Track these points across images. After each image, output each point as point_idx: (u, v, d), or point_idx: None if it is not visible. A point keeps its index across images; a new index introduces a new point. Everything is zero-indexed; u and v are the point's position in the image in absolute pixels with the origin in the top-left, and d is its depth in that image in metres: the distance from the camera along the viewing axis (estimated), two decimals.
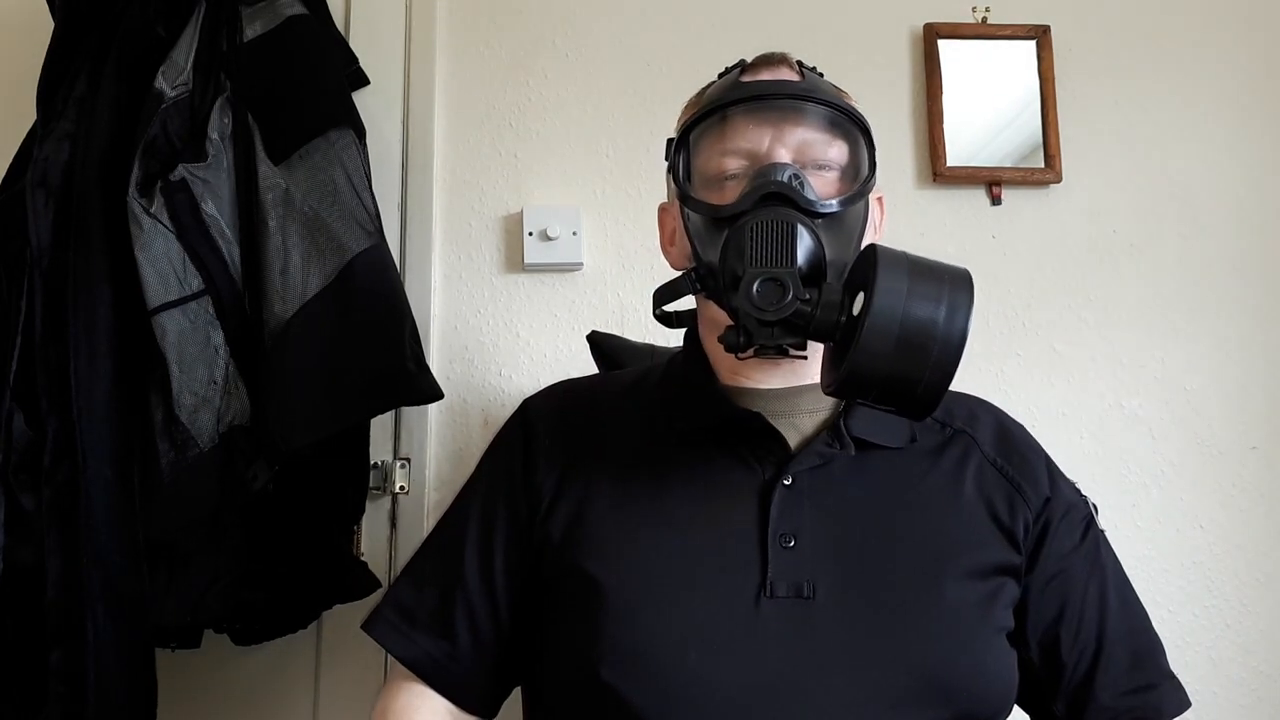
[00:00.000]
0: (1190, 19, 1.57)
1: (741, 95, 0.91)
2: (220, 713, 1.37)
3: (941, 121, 1.51)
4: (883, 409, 0.83)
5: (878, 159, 0.94)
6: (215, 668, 1.35)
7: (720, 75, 0.97)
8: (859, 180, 0.91)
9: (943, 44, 1.53)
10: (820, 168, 0.90)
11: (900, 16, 1.55)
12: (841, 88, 0.97)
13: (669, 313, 0.98)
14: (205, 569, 1.15)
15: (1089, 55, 1.55)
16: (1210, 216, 1.53)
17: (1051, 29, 1.54)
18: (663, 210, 1.03)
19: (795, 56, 0.97)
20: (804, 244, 0.83)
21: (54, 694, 1.05)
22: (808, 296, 0.81)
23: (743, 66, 0.96)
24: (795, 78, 0.93)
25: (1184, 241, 1.52)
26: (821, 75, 0.96)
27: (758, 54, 0.97)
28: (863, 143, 0.92)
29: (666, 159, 0.96)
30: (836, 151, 0.91)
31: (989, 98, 1.54)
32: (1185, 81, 1.56)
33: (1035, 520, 0.96)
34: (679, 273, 0.97)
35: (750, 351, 0.83)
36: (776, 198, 0.85)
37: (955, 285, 0.79)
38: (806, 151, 0.90)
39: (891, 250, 0.81)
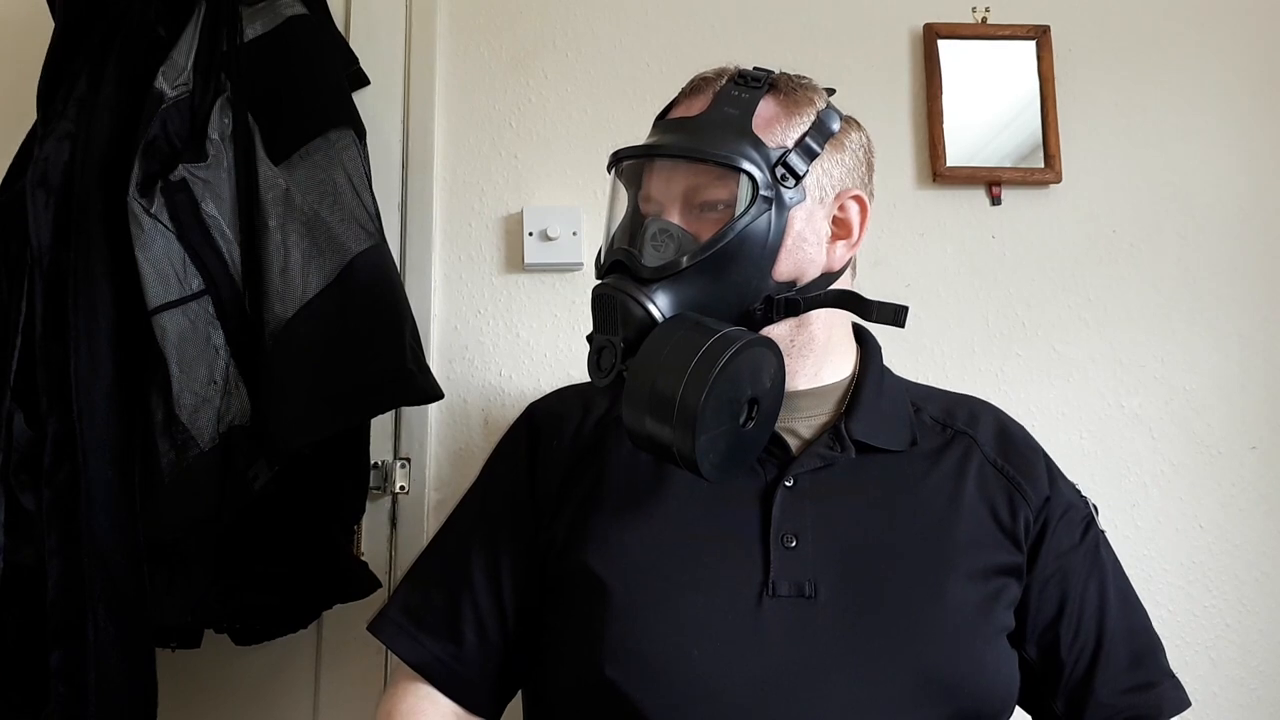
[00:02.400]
0: (1190, 19, 1.57)
1: (622, 152, 0.96)
2: (220, 713, 1.37)
3: (941, 121, 1.51)
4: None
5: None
6: (215, 668, 1.35)
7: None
8: (732, 224, 0.89)
9: (943, 44, 1.53)
10: (709, 208, 0.91)
11: (900, 17, 1.55)
12: (791, 87, 0.96)
13: None
14: (206, 569, 1.15)
15: (1089, 55, 1.55)
16: (1210, 216, 1.53)
17: (1051, 29, 1.54)
18: None
19: (754, 62, 0.98)
20: (628, 314, 0.87)
21: (55, 694, 1.05)
22: (624, 367, 0.86)
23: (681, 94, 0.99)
24: (702, 108, 0.94)
25: (1184, 241, 1.52)
26: (763, 82, 0.95)
27: (700, 73, 0.99)
28: (746, 183, 0.89)
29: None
30: (724, 191, 0.91)
31: (989, 98, 1.54)
32: (1185, 81, 1.56)
33: (1035, 519, 0.96)
34: None
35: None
36: (619, 266, 0.90)
37: (699, 369, 0.82)
38: (695, 196, 0.92)
39: (663, 331, 0.85)
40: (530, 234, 1.46)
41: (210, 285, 1.14)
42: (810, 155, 0.92)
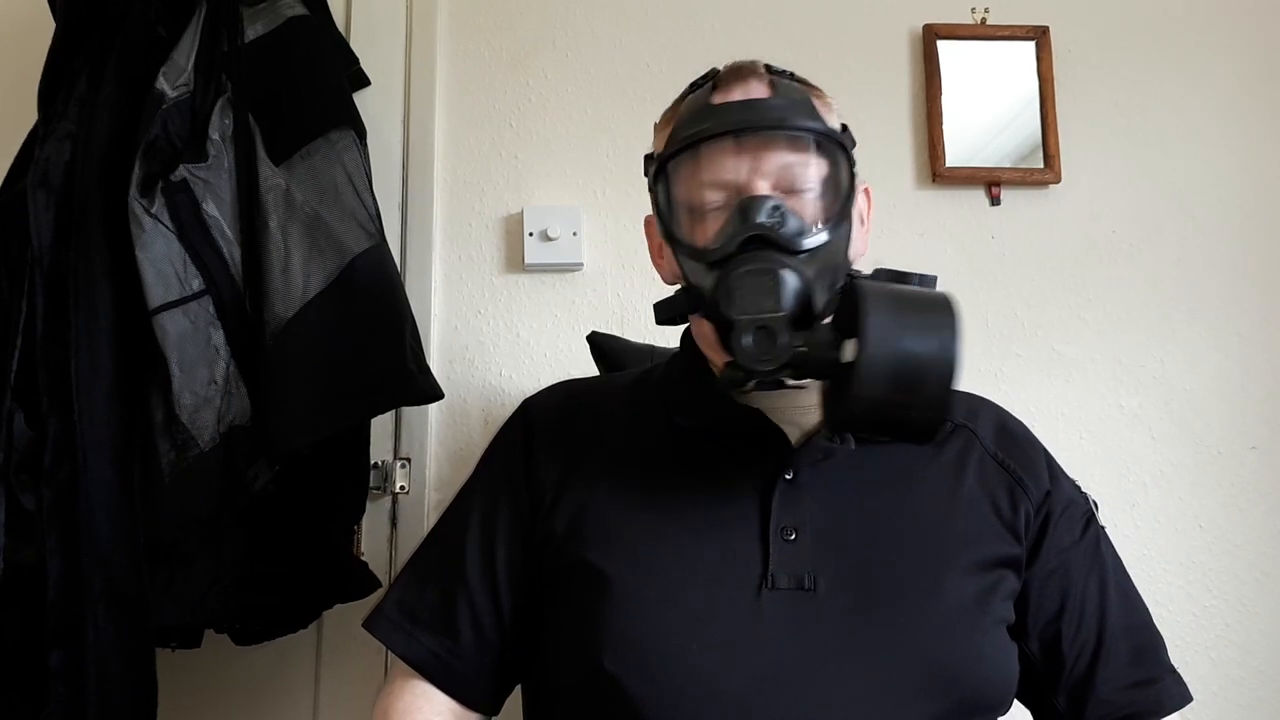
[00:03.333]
0: (1190, 20, 1.58)
1: (715, 127, 0.88)
2: (220, 713, 1.37)
3: (941, 122, 1.51)
4: (884, 441, 0.86)
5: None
6: (215, 668, 1.35)
7: (691, 87, 0.96)
8: (840, 198, 0.89)
9: (942, 45, 1.53)
10: (801, 191, 0.89)
11: (900, 17, 1.55)
12: (812, 84, 0.96)
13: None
14: (206, 569, 1.15)
15: (1089, 55, 1.55)
16: (1210, 216, 1.53)
17: (1051, 29, 1.54)
18: (649, 223, 1.01)
19: (765, 60, 0.95)
20: (789, 286, 0.83)
21: (55, 694, 1.05)
22: (800, 342, 0.81)
23: (713, 81, 0.93)
24: (766, 92, 0.91)
25: (1184, 241, 1.52)
26: (792, 77, 0.94)
27: (728, 64, 0.95)
28: (842, 158, 0.90)
29: (646, 175, 0.95)
30: (816, 172, 0.89)
31: (988, 98, 1.54)
32: (1185, 82, 1.56)
33: (1036, 513, 0.96)
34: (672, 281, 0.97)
35: (751, 384, 0.84)
36: (758, 240, 0.85)
37: (940, 315, 0.79)
38: (786, 176, 0.89)
39: (875, 289, 0.81)
40: (530, 234, 1.46)
41: (210, 285, 1.14)
42: (851, 161, 0.92)
